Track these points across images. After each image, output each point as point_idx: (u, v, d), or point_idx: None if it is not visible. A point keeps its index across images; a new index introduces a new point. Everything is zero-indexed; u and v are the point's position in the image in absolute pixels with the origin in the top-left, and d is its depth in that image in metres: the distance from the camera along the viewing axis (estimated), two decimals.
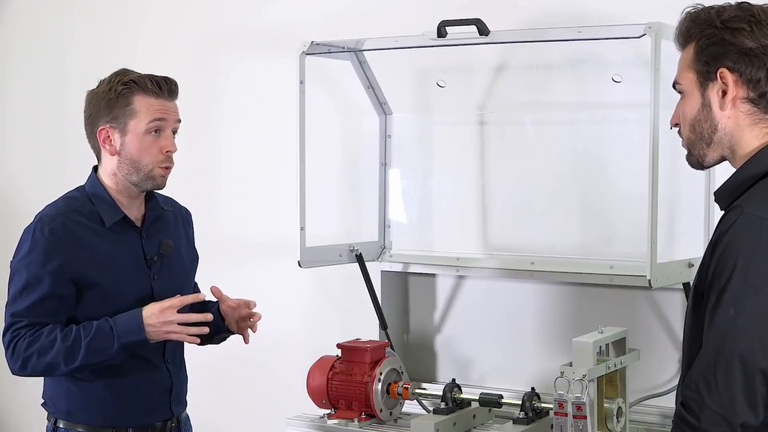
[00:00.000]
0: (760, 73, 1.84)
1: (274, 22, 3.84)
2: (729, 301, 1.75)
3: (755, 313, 1.74)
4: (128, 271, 2.62)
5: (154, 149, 2.60)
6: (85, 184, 2.68)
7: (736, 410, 1.74)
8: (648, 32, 2.57)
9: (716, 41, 1.86)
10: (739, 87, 1.86)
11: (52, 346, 2.49)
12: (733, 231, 1.77)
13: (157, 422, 2.68)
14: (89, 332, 2.51)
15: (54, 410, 2.66)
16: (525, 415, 2.75)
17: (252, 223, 3.93)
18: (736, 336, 1.74)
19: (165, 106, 2.62)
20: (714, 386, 1.75)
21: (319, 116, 3.31)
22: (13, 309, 2.54)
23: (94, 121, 2.62)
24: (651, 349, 2.94)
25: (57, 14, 4.47)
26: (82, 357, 2.50)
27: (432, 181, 3.43)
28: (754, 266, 1.74)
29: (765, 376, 1.73)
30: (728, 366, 1.74)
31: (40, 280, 2.52)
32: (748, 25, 1.84)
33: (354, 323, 3.51)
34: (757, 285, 1.74)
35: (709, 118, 1.90)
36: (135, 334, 2.51)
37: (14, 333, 2.53)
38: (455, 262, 3.28)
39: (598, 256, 3.05)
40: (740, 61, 1.84)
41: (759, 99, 1.86)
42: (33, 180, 4.55)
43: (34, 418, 3.08)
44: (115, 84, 2.59)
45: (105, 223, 2.60)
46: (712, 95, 1.88)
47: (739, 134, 1.89)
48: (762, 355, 1.73)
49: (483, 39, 2.90)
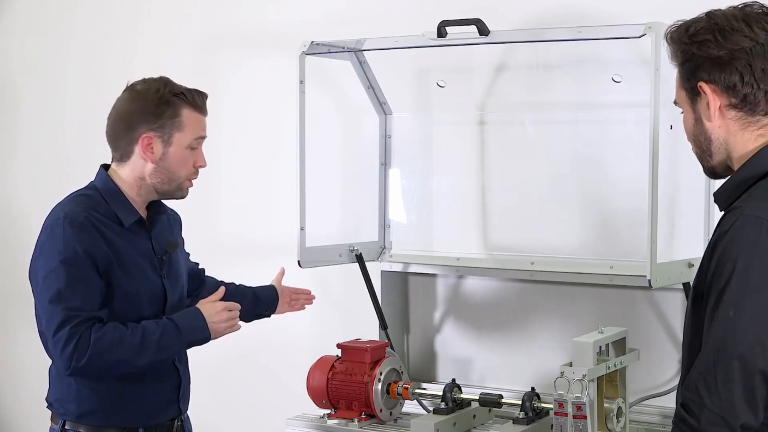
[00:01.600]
0: (734, 78, 1.86)
1: (274, 22, 3.84)
2: (729, 302, 1.75)
3: (755, 315, 1.74)
4: (145, 271, 2.62)
5: (190, 163, 2.65)
6: (95, 182, 2.66)
7: (736, 411, 1.73)
8: (648, 32, 2.57)
9: (689, 57, 1.90)
10: (719, 96, 1.89)
11: (121, 343, 2.48)
12: (733, 232, 1.78)
13: (166, 421, 2.70)
14: (155, 330, 2.53)
15: (62, 412, 2.62)
16: (525, 415, 2.75)
17: (252, 223, 3.93)
18: (736, 337, 1.74)
19: (204, 123, 2.68)
20: (714, 387, 1.75)
21: (319, 116, 3.32)
22: (66, 304, 2.47)
23: (135, 124, 2.59)
24: (651, 349, 2.94)
25: (57, 14, 4.47)
26: (151, 354, 2.52)
27: (432, 181, 3.43)
28: (754, 267, 1.75)
29: (765, 377, 1.73)
30: (728, 367, 1.74)
31: (85, 272, 2.49)
32: (712, 35, 1.86)
33: (354, 323, 3.51)
34: (757, 286, 1.74)
35: (703, 131, 1.93)
36: (200, 332, 2.60)
37: (74, 329, 2.45)
38: (455, 262, 3.28)
39: (598, 256, 3.05)
40: (713, 71, 1.87)
41: (742, 103, 1.88)
42: (33, 180, 4.55)
43: (35, 419, 3.08)
44: (166, 93, 2.59)
45: (123, 223, 2.60)
46: (702, 109, 1.92)
47: (732, 140, 1.91)
48: (761, 357, 1.73)
49: (483, 39, 2.90)
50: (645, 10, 2.90)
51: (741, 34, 1.85)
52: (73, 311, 2.47)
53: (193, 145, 2.63)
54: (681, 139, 2.86)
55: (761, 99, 1.87)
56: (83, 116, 4.25)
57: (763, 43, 1.84)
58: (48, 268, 2.51)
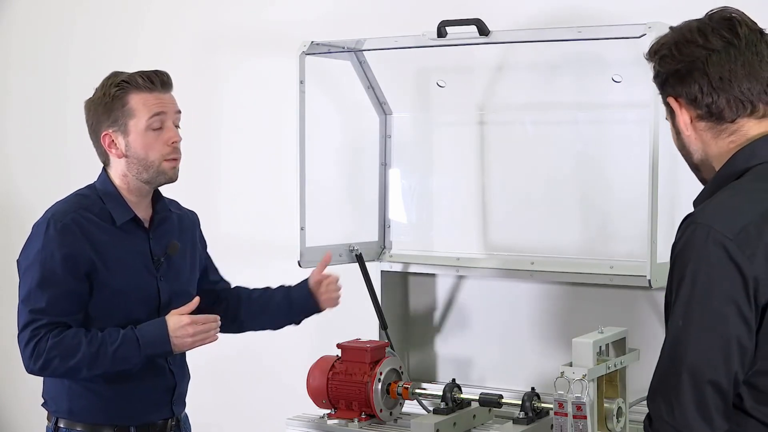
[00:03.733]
0: (693, 90, 1.86)
1: (274, 22, 3.84)
2: (678, 313, 1.75)
3: (703, 324, 1.72)
4: (136, 270, 2.62)
5: (159, 143, 2.61)
6: (96, 182, 2.68)
7: (690, 424, 1.72)
8: (648, 32, 2.57)
9: (656, 73, 1.92)
10: (686, 109, 1.89)
11: (76, 351, 2.48)
12: (683, 240, 1.77)
13: (158, 421, 2.69)
14: (115, 340, 2.51)
15: (55, 410, 2.65)
16: (525, 415, 2.75)
17: (252, 223, 3.93)
18: (686, 348, 1.73)
19: (161, 99, 2.62)
20: (668, 400, 1.74)
21: (319, 116, 3.31)
22: (32, 306, 2.51)
23: (96, 128, 2.63)
24: (651, 349, 2.91)
25: (57, 15, 4.47)
26: (106, 365, 2.51)
27: (432, 181, 3.43)
28: (701, 277, 1.73)
29: (715, 387, 1.71)
30: (678, 379, 1.73)
31: (57, 276, 2.51)
32: (669, 50, 1.87)
33: (354, 323, 3.51)
34: (704, 294, 1.72)
35: (683, 145, 1.94)
36: (160, 346, 2.54)
37: (34, 331, 2.50)
38: (455, 262, 3.28)
39: (598, 256, 3.05)
40: (676, 84, 1.88)
41: (707, 113, 1.87)
42: (34, 180, 4.55)
43: (35, 418, 3.08)
44: (108, 87, 2.61)
45: (116, 222, 2.61)
46: (679, 123, 1.92)
47: (709, 151, 1.90)
48: (709, 367, 1.71)
49: (483, 39, 2.91)
50: (645, 10, 2.90)
51: (695, 45, 1.84)
52: (37, 314, 2.50)
53: (152, 125, 2.59)
54: None
55: (724, 107, 1.85)
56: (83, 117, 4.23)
57: (719, 50, 1.83)
58: (26, 265, 2.56)
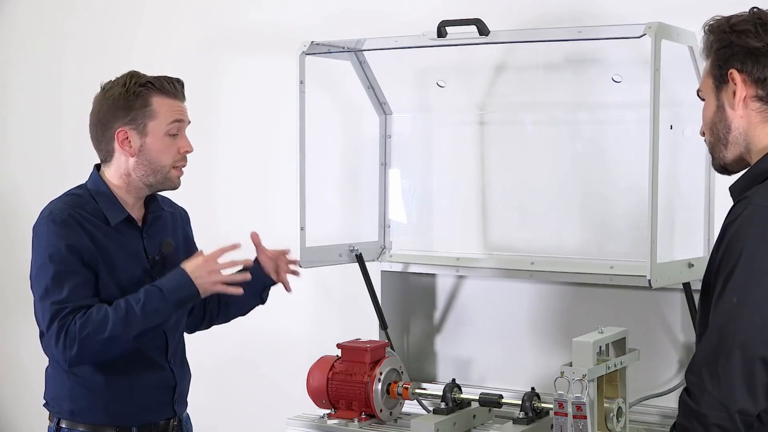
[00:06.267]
0: (766, 71, 1.90)
1: (274, 22, 3.84)
2: (733, 290, 1.79)
3: (758, 302, 1.78)
4: (131, 270, 2.62)
5: (173, 150, 2.62)
6: (87, 183, 2.68)
7: (735, 397, 1.76)
8: (648, 32, 2.57)
9: (726, 44, 1.93)
10: (748, 86, 1.92)
11: (106, 321, 2.46)
12: (740, 221, 1.81)
13: (160, 420, 2.69)
14: (139, 299, 2.50)
15: (57, 410, 2.65)
16: (525, 415, 2.75)
17: (252, 223, 3.90)
18: (739, 323, 1.78)
19: (181, 107, 2.65)
20: (715, 372, 1.78)
21: (319, 116, 3.31)
22: (52, 299, 2.49)
23: (110, 123, 2.61)
24: (651, 349, 2.94)
25: (55, 14, 4.47)
26: (139, 324, 2.48)
27: (432, 181, 3.43)
28: (760, 256, 1.78)
29: (765, 364, 1.76)
30: (729, 353, 1.77)
31: (70, 266, 2.50)
32: (753, 27, 1.90)
33: (354, 323, 3.51)
34: (762, 274, 1.78)
35: (724, 119, 1.96)
36: (186, 289, 2.53)
37: (62, 321, 2.47)
38: (455, 262, 3.28)
39: (598, 256, 3.05)
40: (747, 61, 1.91)
41: (767, 96, 1.91)
42: (32, 179, 4.54)
43: (35, 419, 3.08)
44: (132, 85, 2.59)
45: (110, 222, 2.61)
46: (726, 97, 1.95)
47: (752, 132, 1.94)
48: (763, 344, 1.76)
49: (483, 39, 2.90)
50: (645, 10, 2.90)
51: None
52: (60, 304, 2.48)
53: (170, 131, 2.61)
54: (681, 139, 2.88)
55: None
56: (80, 116, 4.21)
57: None
58: (37, 267, 2.55)
